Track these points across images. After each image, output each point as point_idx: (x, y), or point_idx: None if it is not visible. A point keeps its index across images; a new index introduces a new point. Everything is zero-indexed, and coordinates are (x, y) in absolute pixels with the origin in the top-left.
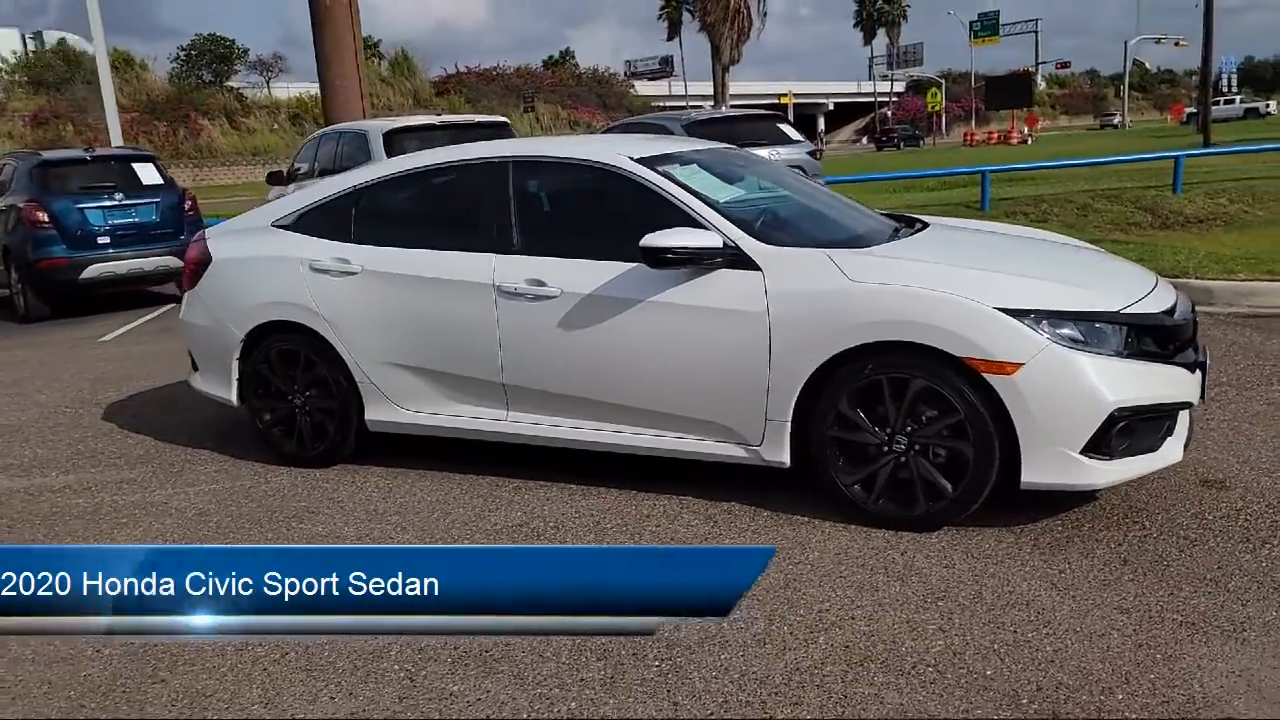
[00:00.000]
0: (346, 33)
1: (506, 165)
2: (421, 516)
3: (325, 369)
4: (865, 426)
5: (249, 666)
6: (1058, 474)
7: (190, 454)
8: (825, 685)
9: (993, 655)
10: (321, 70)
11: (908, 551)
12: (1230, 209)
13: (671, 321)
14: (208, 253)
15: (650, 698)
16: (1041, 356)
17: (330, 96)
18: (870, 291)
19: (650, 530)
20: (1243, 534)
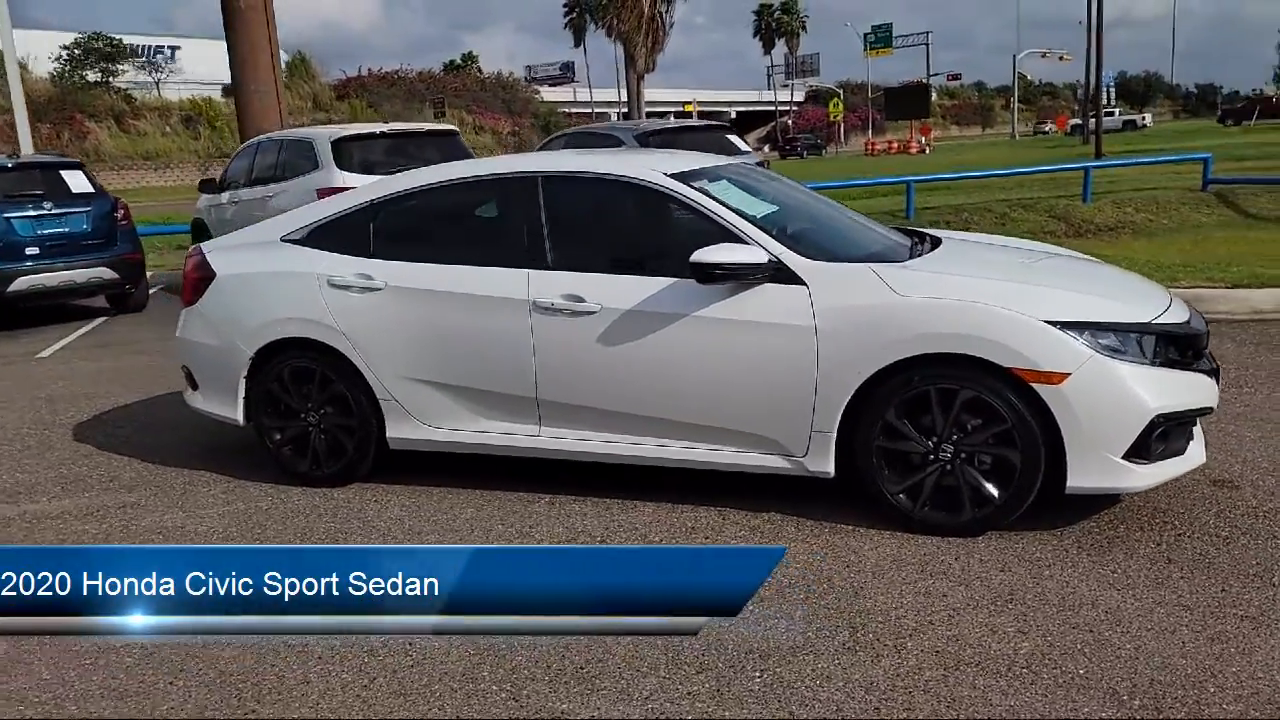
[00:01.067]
0: (263, 36)
1: (535, 180)
2: (462, 535)
3: (344, 386)
4: (912, 436)
5: (339, 693)
6: (1102, 478)
7: (188, 475)
8: (930, 689)
9: (1079, 655)
10: (236, 75)
11: (960, 557)
12: (1137, 218)
13: (716, 336)
14: (210, 268)
15: (763, 706)
16: (1087, 366)
17: (246, 103)
18: (920, 306)
19: (700, 541)
20: (1268, 531)
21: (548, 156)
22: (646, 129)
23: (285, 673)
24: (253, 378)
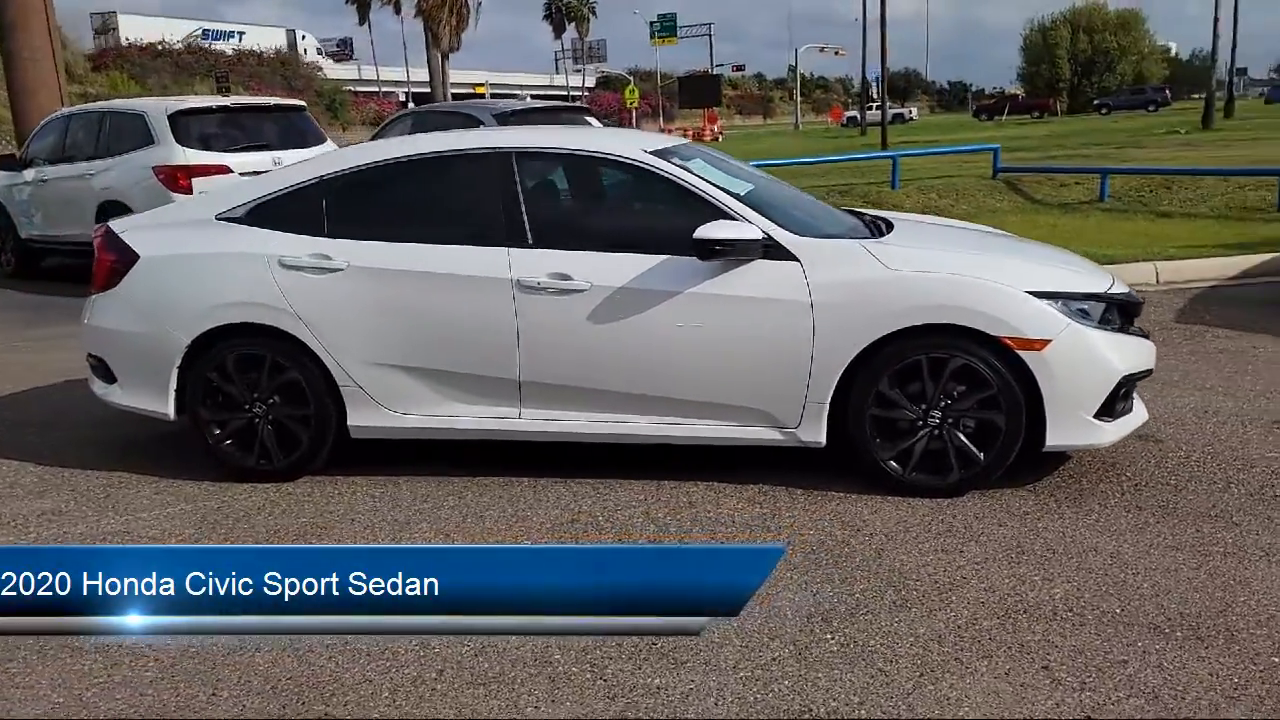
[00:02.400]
0: None
1: (510, 156)
2: (454, 523)
3: (298, 373)
4: (903, 404)
5: (411, 687)
6: (1076, 436)
7: (105, 477)
8: (996, 637)
9: (1108, 596)
10: (5, 40)
11: (957, 515)
12: (940, 203)
13: (711, 312)
14: (130, 250)
15: (850, 666)
16: (1065, 333)
17: (17, 69)
18: (911, 279)
19: (704, 515)
20: (1207, 476)
21: (523, 133)
22: (505, 109)
23: (340, 674)
24: (188, 367)
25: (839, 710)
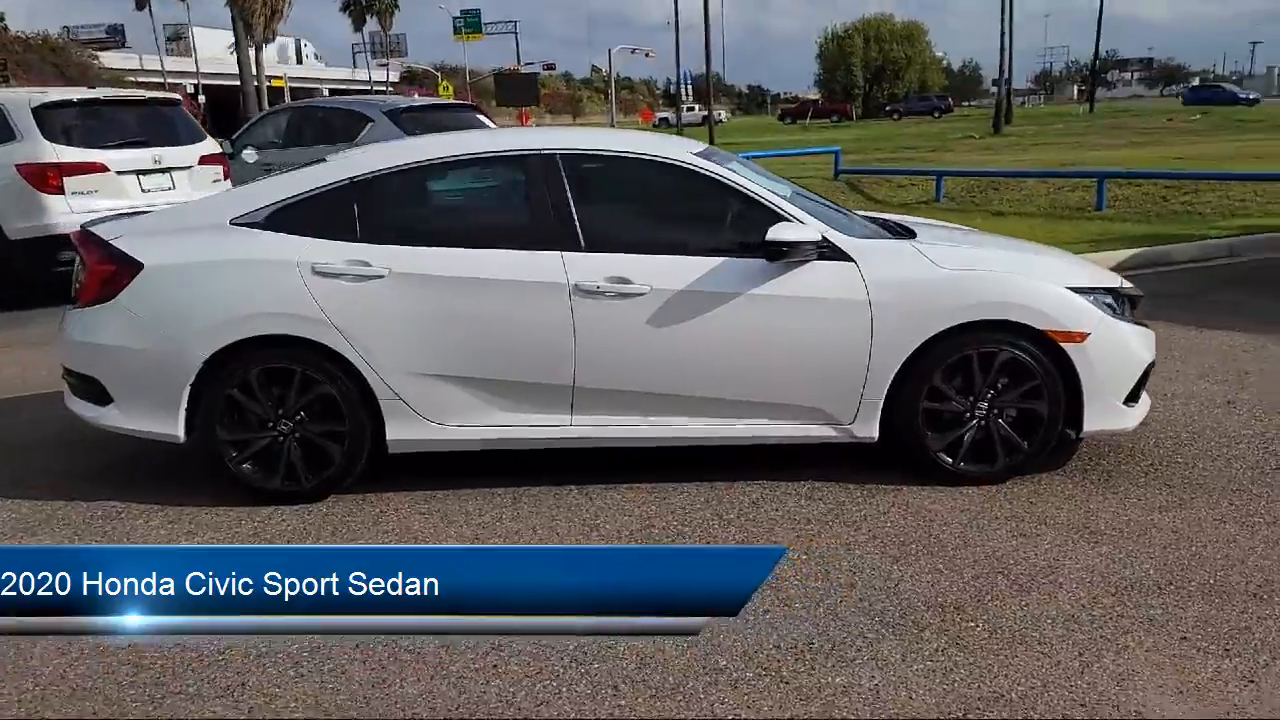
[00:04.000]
0: None
1: (555, 159)
2: (524, 537)
3: (332, 387)
4: (954, 397)
5: (511, 682)
6: (1109, 421)
7: (100, 509)
8: (1124, 614)
9: (1194, 568)
10: None
11: (1014, 502)
12: None
13: (772, 312)
14: (129, 258)
15: (1013, 652)
16: (1100, 326)
17: None
18: (961, 278)
19: (774, 513)
20: (1208, 453)
21: (551, 134)
22: (397, 105)
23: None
24: (203, 385)
25: (1028, 694)
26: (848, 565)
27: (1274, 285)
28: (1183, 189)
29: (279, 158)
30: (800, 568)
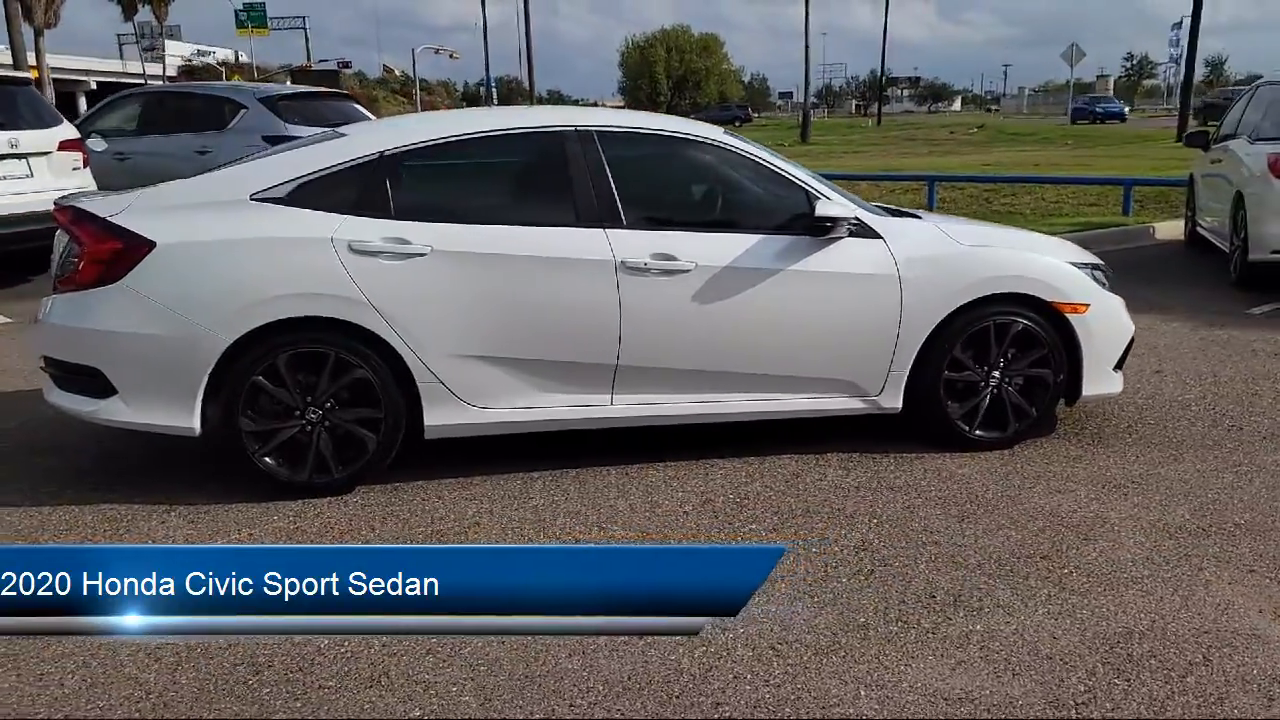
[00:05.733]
0: None
1: (591, 135)
2: (590, 516)
3: (369, 372)
4: (972, 366)
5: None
6: (1102, 386)
7: (111, 511)
8: (1189, 555)
9: (1225, 511)
10: None
11: (1033, 463)
12: None
13: (811, 288)
14: (138, 237)
15: (1114, 592)
16: (1098, 298)
17: None
18: (979, 254)
19: (819, 484)
20: (1174, 417)
21: (587, 112)
22: (270, 92)
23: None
24: (223, 373)
25: (1153, 627)
26: (920, 526)
27: (1121, 273)
28: (1001, 191)
29: (133, 145)
30: (878, 531)
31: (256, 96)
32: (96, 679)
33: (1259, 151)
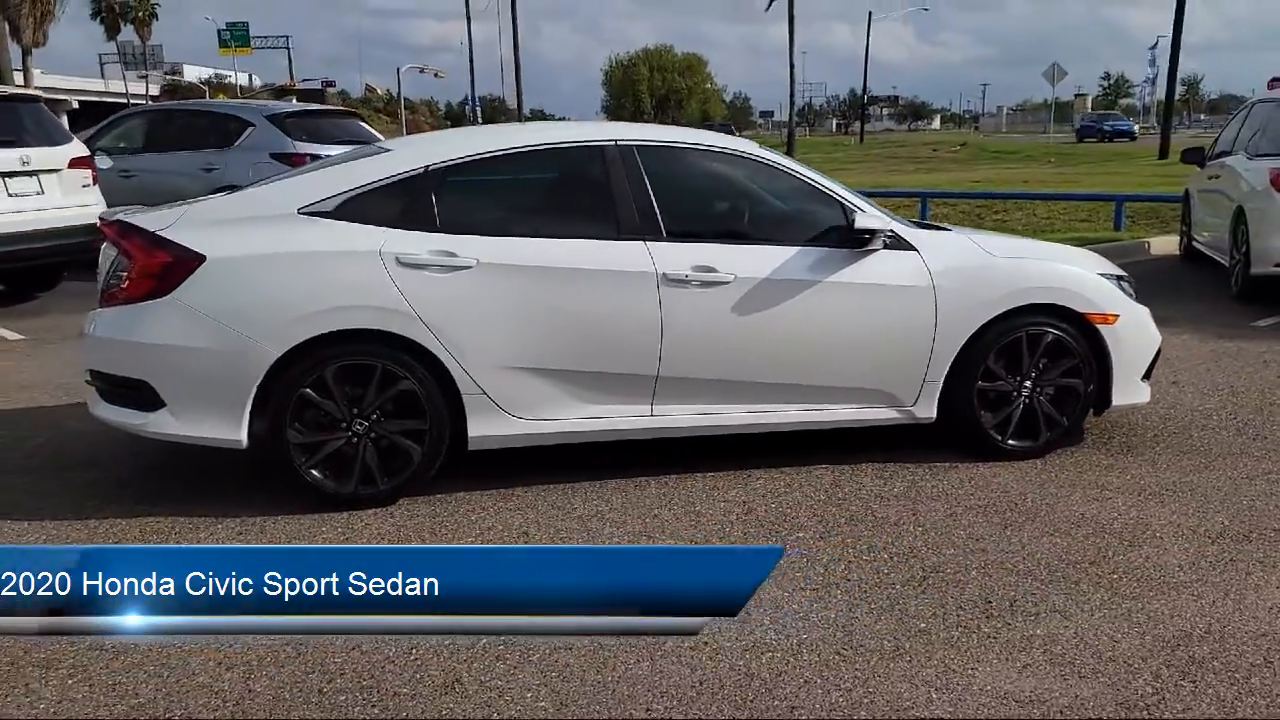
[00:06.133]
0: None
1: (632, 149)
2: (631, 525)
3: (414, 384)
4: (1004, 377)
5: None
6: (1131, 396)
7: (158, 525)
8: (1234, 558)
9: (1260, 517)
10: None
11: (1065, 472)
12: None
13: (850, 299)
14: (188, 250)
15: (1167, 596)
16: (1126, 308)
17: None
18: (1012, 266)
19: (859, 494)
20: (1198, 425)
21: (623, 127)
22: (277, 110)
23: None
24: (272, 385)
25: (1211, 630)
26: (965, 534)
27: None
28: (993, 208)
29: (139, 163)
30: (924, 538)
31: (264, 114)
32: (171, 688)
33: (1259, 167)
